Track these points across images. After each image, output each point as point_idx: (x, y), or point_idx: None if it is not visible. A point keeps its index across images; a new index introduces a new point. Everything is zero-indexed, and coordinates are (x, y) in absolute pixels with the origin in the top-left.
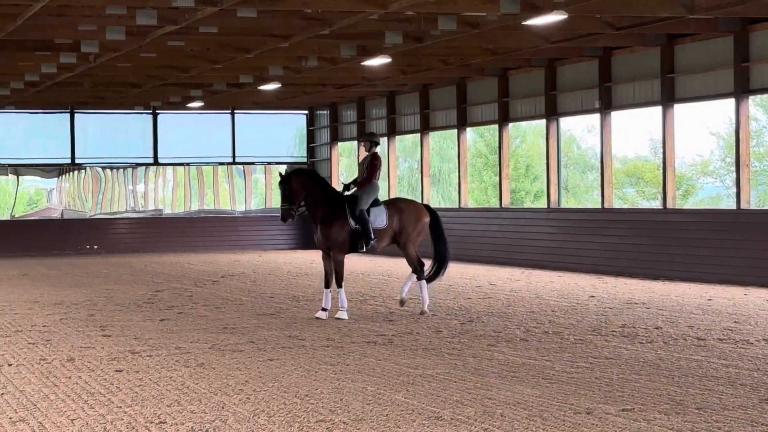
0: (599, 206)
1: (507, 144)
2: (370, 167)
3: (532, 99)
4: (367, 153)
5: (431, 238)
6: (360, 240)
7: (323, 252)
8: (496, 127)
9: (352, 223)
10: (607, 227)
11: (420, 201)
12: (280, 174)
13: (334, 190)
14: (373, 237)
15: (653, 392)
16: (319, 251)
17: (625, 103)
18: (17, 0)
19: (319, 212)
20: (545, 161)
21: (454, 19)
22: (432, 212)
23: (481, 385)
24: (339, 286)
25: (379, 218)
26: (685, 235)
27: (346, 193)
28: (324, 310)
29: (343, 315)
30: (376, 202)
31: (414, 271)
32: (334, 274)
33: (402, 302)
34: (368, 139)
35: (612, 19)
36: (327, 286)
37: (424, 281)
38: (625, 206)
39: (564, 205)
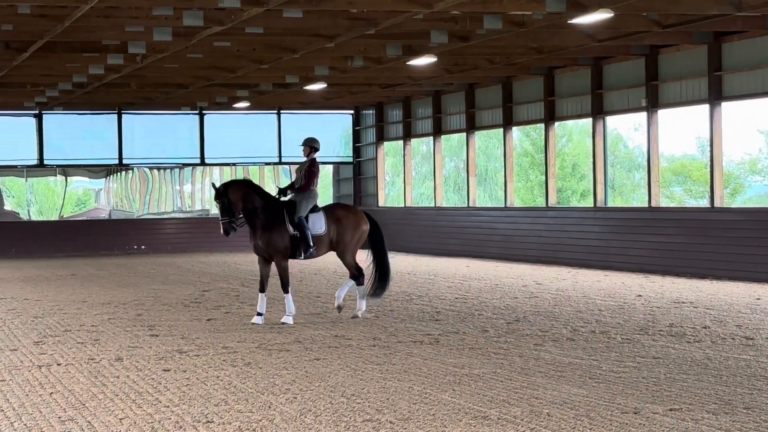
0: (646, 205)
1: (553, 143)
2: (308, 174)
3: (579, 98)
4: (305, 158)
5: (370, 250)
6: (299, 247)
7: (261, 258)
8: (542, 126)
9: (291, 229)
10: (654, 226)
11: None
12: (214, 186)
13: (272, 197)
14: (312, 244)
15: (701, 392)
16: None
17: (672, 102)
18: (65, 2)
19: (259, 219)
20: (592, 160)
21: (500, 18)
22: (372, 220)
23: (527, 384)
24: (285, 291)
25: (317, 225)
26: (732, 234)
27: (283, 198)
28: (259, 314)
29: (289, 320)
30: (314, 208)
31: (351, 277)
32: (280, 281)
33: (339, 308)
34: (307, 145)
35: (659, 17)
36: (262, 290)
37: (362, 287)
38: (672, 205)
39: (611, 204)
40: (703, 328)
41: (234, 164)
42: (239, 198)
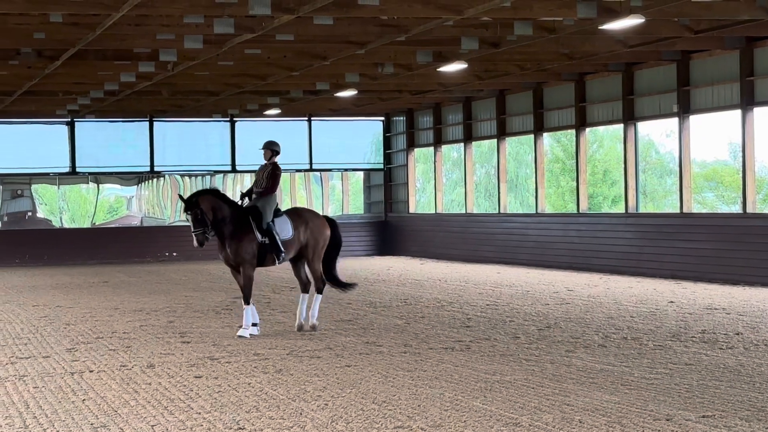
0: (678, 211)
1: (584, 149)
2: (271, 177)
3: (610, 104)
4: (266, 162)
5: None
6: (269, 254)
7: (232, 269)
8: (573, 132)
9: (258, 236)
10: (686, 232)
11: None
12: (181, 198)
13: (238, 205)
14: (283, 250)
15: (734, 399)
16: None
17: (704, 107)
18: (97, 10)
19: (227, 229)
20: (623, 166)
21: (531, 24)
22: (333, 224)
23: (559, 391)
24: (246, 302)
25: (284, 229)
26: (765, 240)
27: (245, 203)
28: (254, 325)
29: (245, 333)
30: (277, 212)
31: (317, 291)
32: (242, 290)
33: (314, 327)
34: (269, 148)
35: (690, 23)
36: (247, 302)
37: (320, 296)
38: (704, 211)
39: (642, 210)
40: (735, 335)
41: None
42: (209, 208)
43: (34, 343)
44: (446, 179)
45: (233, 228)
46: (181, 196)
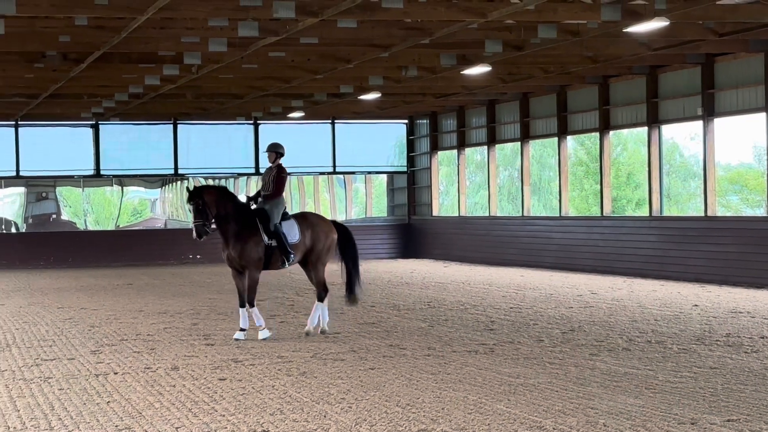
0: (702, 214)
1: (608, 152)
2: (277, 180)
3: (634, 107)
4: (271, 165)
5: (341, 257)
6: (276, 256)
7: (234, 270)
8: (596, 135)
9: (266, 239)
10: (710, 235)
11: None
12: (188, 189)
13: (245, 205)
14: (291, 252)
15: (759, 402)
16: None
17: (729, 110)
18: (122, 13)
19: (231, 228)
20: (647, 169)
21: (555, 28)
22: (342, 228)
23: (583, 394)
24: (251, 305)
25: (291, 232)
26: None
27: (253, 206)
28: (242, 330)
29: (266, 333)
30: (285, 216)
31: (318, 299)
32: (246, 292)
33: (323, 331)
34: (273, 150)
35: (714, 26)
36: (242, 305)
37: (320, 303)
38: (728, 214)
39: (666, 213)
40: (760, 338)
41: (289, 174)
42: (213, 202)
43: (59, 345)
44: (469, 182)
45: (238, 228)
46: (187, 188)
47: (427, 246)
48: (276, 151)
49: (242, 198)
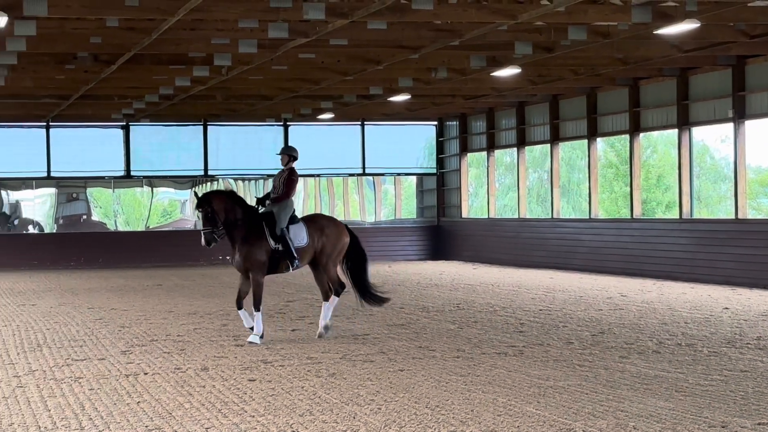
0: (733, 217)
1: (638, 154)
2: (287, 183)
3: (664, 109)
4: (283, 167)
5: (349, 263)
6: (282, 261)
7: (243, 275)
8: (626, 137)
9: (271, 242)
10: (741, 238)
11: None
12: (196, 195)
13: (253, 209)
14: (297, 256)
15: None
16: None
17: (760, 112)
18: (152, 15)
19: (238, 233)
20: (677, 171)
21: (585, 29)
22: (351, 234)
23: (613, 397)
24: (257, 309)
25: (299, 236)
26: None
27: (261, 209)
28: (252, 330)
29: (255, 340)
30: (293, 219)
31: (335, 294)
32: (253, 297)
33: (327, 327)
34: (286, 153)
35: (746, 27)
36: (239, 307)
37: (337, 298)
38: (759, 216)
39: (696, 215)
40: None
41: (318, 175)
42: (222, 208)
43: (89, 345)
44: (499, 184)
45: (245, 232)
46: (195, 193)
47: (456, 248)
48: (289, 153)
49: (251, 200)
